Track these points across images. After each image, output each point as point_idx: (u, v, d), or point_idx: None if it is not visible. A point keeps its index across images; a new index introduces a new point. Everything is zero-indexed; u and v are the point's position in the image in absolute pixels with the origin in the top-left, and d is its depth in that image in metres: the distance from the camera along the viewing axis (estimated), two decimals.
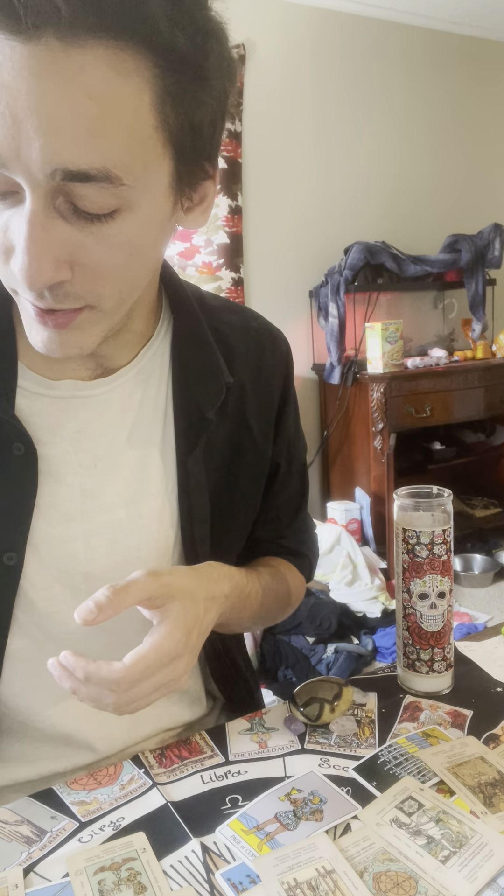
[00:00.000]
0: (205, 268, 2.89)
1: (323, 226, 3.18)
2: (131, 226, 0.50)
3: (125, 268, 0.53)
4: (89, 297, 0.52)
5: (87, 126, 0.44)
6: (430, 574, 0.70)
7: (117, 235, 0.50)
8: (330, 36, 3.07)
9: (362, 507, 2.97)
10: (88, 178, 0.45)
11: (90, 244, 0.49)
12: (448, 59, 3.39)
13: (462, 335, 3.40)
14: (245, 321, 0.77)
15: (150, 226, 0.52)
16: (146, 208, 0.51)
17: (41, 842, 0.56)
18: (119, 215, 0.49)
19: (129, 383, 0.68)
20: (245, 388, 0.74)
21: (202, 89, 0.50)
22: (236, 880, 0.50)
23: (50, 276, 0.48)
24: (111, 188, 0.47)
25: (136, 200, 0.49)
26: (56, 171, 0.44)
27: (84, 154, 0.45)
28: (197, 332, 0.71)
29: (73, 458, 0.66)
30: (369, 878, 0.50)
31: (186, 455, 0.69)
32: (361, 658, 2.19)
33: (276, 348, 0.78)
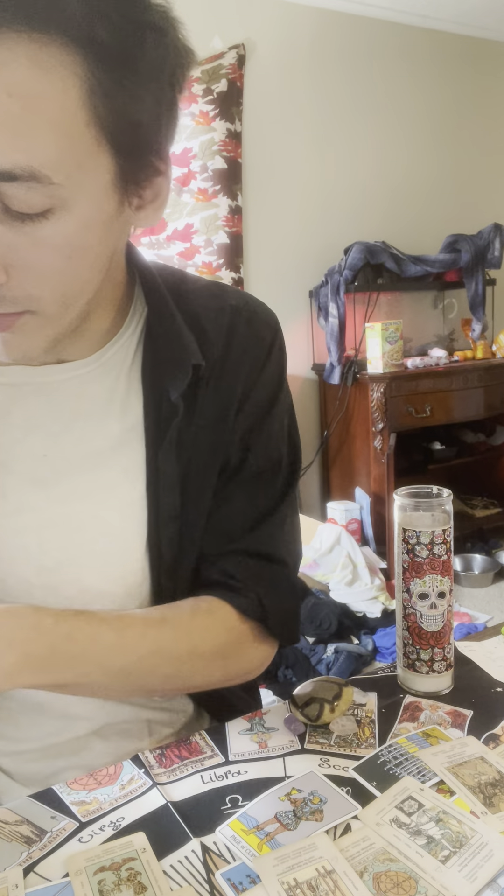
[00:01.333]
0: (205, 268, 2.89)
1: (323, 226, 3.18)
2: (68, 226, 0.48)
3: (65, 270, 0.51)
4: (26, 301, 0.51)
5: (9, 124, 0.43)
6: (430, 574, 0.70)
7: (53, 237, 0.48)
8: (330, 36, 3.07)
9: (362, 507, 2.97)
10: (14, 178, 0.44)
11: (24, 245, 0.48)
12: (448, 59, 3.39)
13: (462, 335, 3.41)
14: (222, 302, 0.69)
15: (92, 226, 0.50)
16: (84, 207, 0.49)
17: (41, 842, 0.56)
18: (53, 215, 0.47)
19: (88, 375, 0.65)
20: (215, 373, 0.67)
21: (136, 83, 0.47)
22: (236, 880, 0.50)
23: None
24: (39, 188, 0.45)
25: (70, 199, 0.47)
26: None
27: (7, 153, 0.43)
28: (165, 319, 0.66)
29: (23, 446, 0.63)
30: (369, 878, 0.50)
31: (156, 449, 0.64)
32: (361, 658, 2.19)
33: (250, 324, 0.69)
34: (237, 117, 2.86)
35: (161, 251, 2.86)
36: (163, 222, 2.85)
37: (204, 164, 2.82)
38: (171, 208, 2.84)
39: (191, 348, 0.65)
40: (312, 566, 2.64)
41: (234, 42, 2.83)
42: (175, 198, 2.84)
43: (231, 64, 2.80)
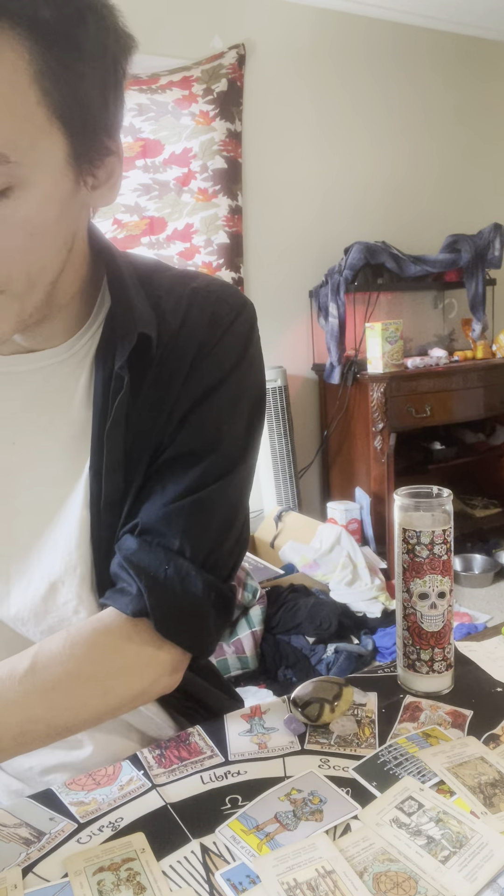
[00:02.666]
0: (205, 268, 2.89)
1: (323, 226, 3.18)
2: (28, 204, 0.50)
3: (28, 248, 0.52)
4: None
5: None
6: (430, 574, 0.70)
7: (13, 215, 0.50)
8: (330, 36, 3.07)
9: (362, 507, 2.97)
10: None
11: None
12: (448, 59, 3.39)
13: (462, 335, 3.40)
14: (182, 284, 0.67)
15: (50, 203, 0.52)
16: (42, 185, 0.51)
17: (40, 842, 0.56)
18: (12, 193, 0.49)
19: (57, 366, 0.65)
20: (166, 353, 0.64)
21: (80, 61, 0.49)
22: (236, 881, 0.50)
23: None
24: (2, 167, 0.47)
25: (27, 178, 0.49)
26: None
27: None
28: (123, 301, 0.64)
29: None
30: (369, 879, 0.50)
31: (101, 424, 0.61)
32: (361, 658, 2.19)
33: (207, 305, 0.65)
34: (237, 117, 2.86)
35: (161, 251, 2.86)
36: (163, 222, 2.85)
37: (204, 163, 2.82)
38: (171, 208, 2.84)
39: (141, 320, 0.62)
40: (312, 566, 2.64)
41: (234, 42, 2.83)
42: (175, 198, 2.84)
43: (231, 64, 2.80)
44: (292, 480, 2.99)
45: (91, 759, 0.71)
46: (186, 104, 2.78)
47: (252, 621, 2.22)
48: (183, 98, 2.77)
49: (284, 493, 2.99)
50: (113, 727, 0.73)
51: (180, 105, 2.78)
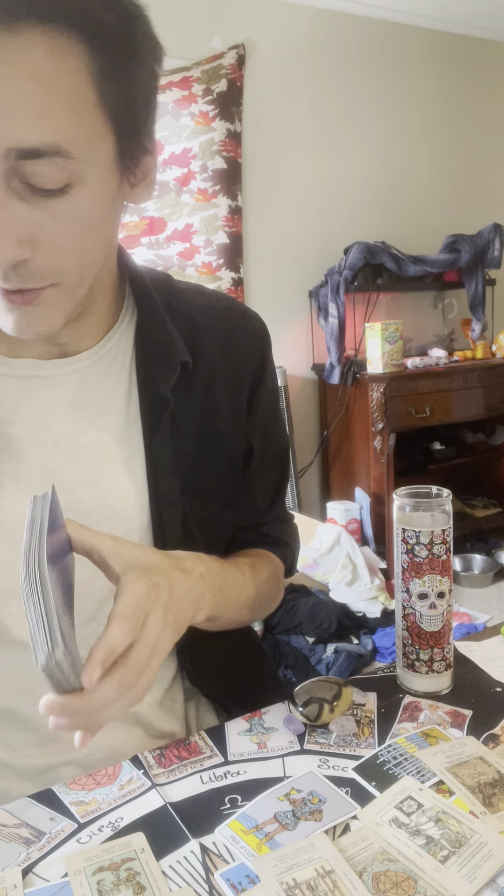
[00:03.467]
0: (205, 268, 2.89)
1: (323, 226, 3.18)
2: (84, 199, 0.53)
3: (82, 242, 0.55)
4: (52, 274, 0.55)
5: (34, 106, 0.47)
6: (430, 574, 0.70)
7: (72, 209, 0.52)
8: (330, 36, 3.07)
9: (362, 507, 2.97)
10: (40, 155, 0.48)
11: (47, 220, 0.52)
12: (448, 60, 3.39)
13: (462, 335, 3.41)
14: (213, 301, 0.78)
15: (101, 199, 0.55)
16: (95, 182, 0.53)
17: (40, 842, 0.56)
18: (71, 189, 0.52)
19: (91, 367, 0.69)
20: (214, 368, 0.74)
21: (134, 64, 0.53)
22: (235, 880, 0.50)
23: (13, 254, 0.51)
24: (62, 162, 0.50)
25: (85, 174, 0.52)
26: (10, 151, 0.47)
27: (34, 132, 0.48)
28: (154, 317, 0.72)
29: (34, 435, 0.67)
30: (368, 878, 0.50)
31: (151, 436, 0.70)
32: (361, 658, 2.19)
33: (246, 326, 0.78)
34: (237, 117, 2.86)
35: (161, 251, 2.86)
36: (163, 222, 2.85)
37: (204, 164, 2.82)
38: (171, 208, 2.84)
39: (179, 347, 0.71)
40: (312, 566, 2.64)
41: (234, 42, 2.83)
42: (175, 198, 2.84)
43: (231, 64, 2.80)
44: (292, 480, 3.00)
45: (92, 755, 0.71)
46: (186, 104, 2.78)
47: None
48: (183, 98, 2.77)
49: None
50: (120, 722, 0.73)
51: (180, 105, 2.78)
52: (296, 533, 0.89)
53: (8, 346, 0.67)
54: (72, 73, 0.48)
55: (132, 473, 0.70)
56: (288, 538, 0.87)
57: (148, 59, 0.54)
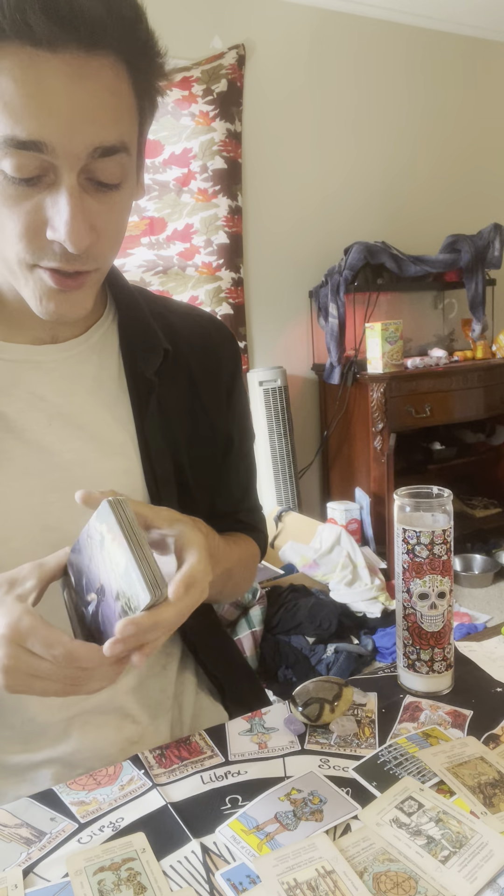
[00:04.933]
0: (205, 268, 2.89)
1: (323, 226, 3.18)
2: (127, 194, 0.62)
3: (122, 230, 0.64)
4: (100, 259, 0.62)
5: (111, 112, 0.56)
6: (430, 574, 0.70)
7: (121, 202, 0.61)
8: (330, 36, 3.07)
9: (362, 508, 2.97)
10: (115, 151, 0.57)
11: (104, 211, 0.60)
12: (448, 60, 3.39)
13: (462, 335, 3.40)
14: (189, 309, 0.87)
15: (132, 195, 0.64)
16: (132, 179, 0.63)
17: (40, 842, 0.56)
18: (122, 185, 0.60)
19: (81, 354, 0.74)
20: (192, 365, 0.81)
21: (156, 79, 0.62)
22: (236, 881, 0.50)
23: (88, 237, 0.58)
24: (124, 159, 0.59)
25: (130, 171, 0.61)
26: (97, 149, 0.56)
27: (112, 133, 0.57)
28: (137, 313, 0.79)
29: (29, 415, 0.71)
30: (369, 879, 0.50)
31: (142, 419, 0.75)
32: (361, 658, 2.19)
33: (220, 332, 0.86)
34: (237, 117, 2.85)
35: (161, 251, 2.86)
36: (163, 222, 2.85)
37: (204, 164, 2.82)
38: (171, 208, 2.84)
39: (159, 336, 0.78)
40: (312, 566, 2.64)
41: (234, 42, 2.83)
42: (175, 198, 2.84)
43: (231, 64, 2.80)
44: (292, 481, 2.99)
45: (78, 752, 0.71)
46: (186, 104, 2.78)
47: (252, 621, 2.22)
48: (183, 98, 2.76)
49: (284, 494, 2.99)
50: (105, 720, 0.73)
51: (180, 105, 2.78)
52: (265, 522, 0.96)
53: (2, 331, 0.71)
54: (126, 87, 0.58)
55: (126, 454, 0.74)
56: (260, 525, 0.94)
57: (162, 77, 0.63)
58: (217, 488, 0.86)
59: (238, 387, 0.87)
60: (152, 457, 0.75)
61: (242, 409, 0.89)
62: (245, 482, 0.91)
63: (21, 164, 0.54)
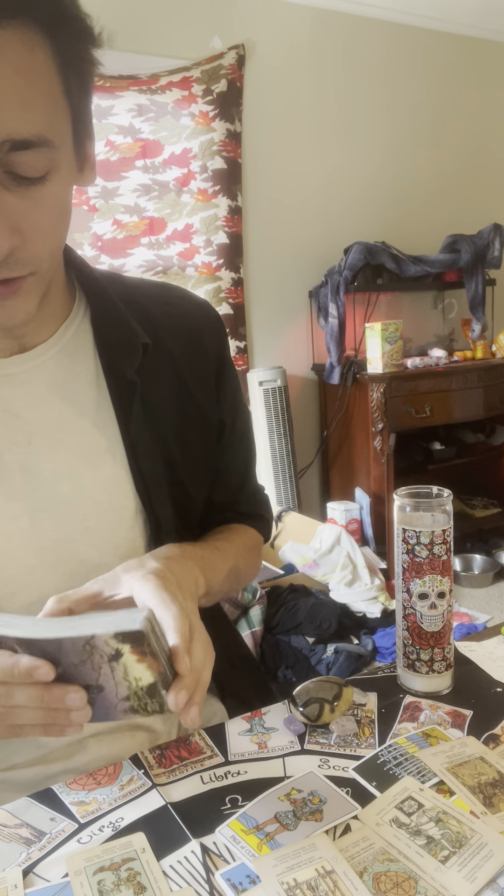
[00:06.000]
0: (204, 268, 2.89)
1: (323, 226, 3.18)
2: (58, 185, 0.55)
3: (57, 227, 0.57)
4: (33, 262, 0.56)
5: (21, 98, 0.49)
6: (430, 574, 0.70)
7: (49, 196, 0.54)
8: (330, 36, 3.07)
9: (362, 508, 2.97)
10: (30, 146, 0.50)
11: (29, 208, 0.53)
12: (448, 60, 3.39)
13: (462, 335, 3.40)
14: (166, 292, 0.80)
15: (69, 184, 0.57)
16: (64, 168, 0.55)
17: (40, 842, 0.56)
18: (50, 177, 0.53)
19: (52, 360, 0.69)
20: (175, 354, 0.75)
21: (87, 51, 0.55)
22: (236, 881, 0.50)
23: (8, 242, 0.52)
24: (46, 151, 0.51)
25: (59, 161, 0.54)
26: (4, 143, 0.49)
27: (23, 123, 0.49)
28: (109, 306, 0.73)
29: (6, 436, 0.66)
30: (369, 879, 0.50)
31: (126, 422, 0.71)
32: (361, 658, 2.19)
33: (204, 315, 0.80)
34: (237, 117, 2.85)
35: (161, 251, 2.86)
36: (162, 222, 2.85)
37: (204, 164, 2.82)
38: (171, 209, 2.84)
39: (137, 331, 0.72)
40: (312, 566, 2.64)
41: (234, 42, 2.83)
42: (175, 198, 2.84)
43: (231, 64, 2.80)
44: (292, 481, 2.99)
45: (93, 763, 0.71)
46: (186, 105, 2.78)
47: (252, 621, 2.22)
48: (182, 98, 2.76)
49: (284, 494, 2.99)
50: (121, 732, 0.73)
51: (180, 105, 2.78)
52: (268, 504, 0.92)
53: None
54: (43, 66, 0.50)
55: (114, 461, 0.70)
56: (262, 511, 0.90)
57: (92, 45, 0.56)
58: (213, 481, 0.82)
59: (226, 369, 0.81)
60: (140, 460, 0.71)
61: (233, 390, 0.83)
62: (243, 466, 0.86)
63: None
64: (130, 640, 0.47)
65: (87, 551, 0.69)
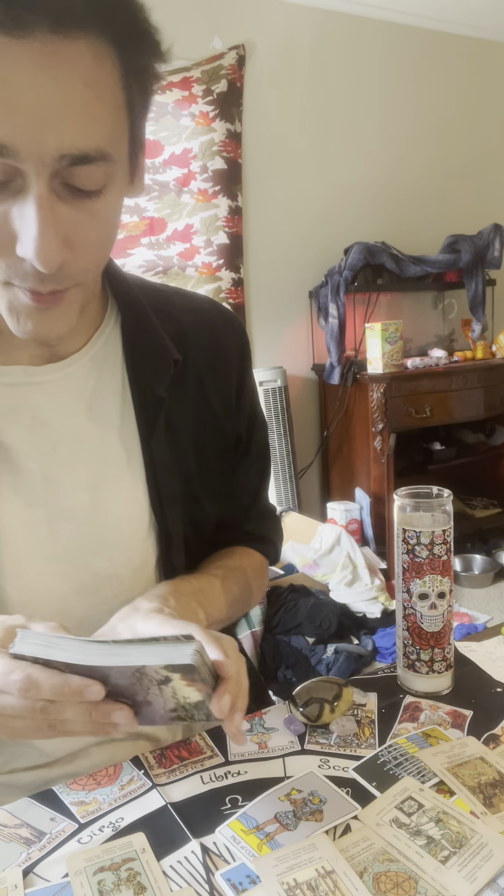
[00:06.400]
0: (205, 268, 2.89)
1: (323, 226, 3.18)
2: (113, 198, 0.54)
3: (106, 241, 0.57)
4: (79, 275, 0.55)
5: (86, 111, 0.48)
6: (430, 574, 0.70)
7: (103, 210, 0.53)
8: (330, 36, 3.07)
9: (362, 508, 2.97)
10: (90, 160, 0.49)
11: (84, 221, 0.52)
12: (448, 60, 3.39)
13: (462, 335, 3.40)
14: (195, 303, 0.80)
15: (121, 196, 0.57)
16: (119, 181, 0.54)
17: (40, 843, 0.56)
18: (106, 190, 0.52)
19: (83, 369, 0.69)
20: (201, 367, 0.75)
21: (149, 64, 0.53)
22: (236, 881, 0.50)
23: (61, 255, 0.51)
24: (104, 166, 0.51)
25: (115, 174, 0.53)
26: (64, 156, 0.48)
27: (85, 137, 0.48)
28: (141, 317, 0.72)
29: (32, 444, 0.66)
30: (369, 879, 0.50)
31: (149, 437, 0.70)
32: (361, 658, 2.19)
33: (229, 325, 0.80)
34: (237, 118, 2.85)
35: (161, 251, 2.86)
36: (162, 223, 2.85)
37: (204, 164, 2.82)
38: (171, 209, 2.84)
39: (169, 346, 0.71)
40: (312, 566, 2.64)
41: (234, 42, 2.83)
42: (175, 198, 2.84)
43: (231, 64, 2.80)
44: (292, 481, 2.99)
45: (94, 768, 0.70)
46: (186, 105, 2.78)
47: (252, 622, 2.21)
48: (183, 99, 2.76)
49: (284, 494, 2.99)
50: (123, 739, 0.73)
51: (180, 106, 2.78)
52: (278, 527, 0.89)
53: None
54: (110, 79, 0.49)
55: (132, 475, 0.70)
56: (270, 534, 0.87)
57: (158, 60, 0.55)
58: (225, 498, 0.80)
59: (247, 382, 0.80)
60: (158, 475, 0.70)
61: (252, 404, 0.82)
62: (255, 484, 0.84)
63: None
64: (181, 671, 0.48)
65: (100, 563, 0.69)
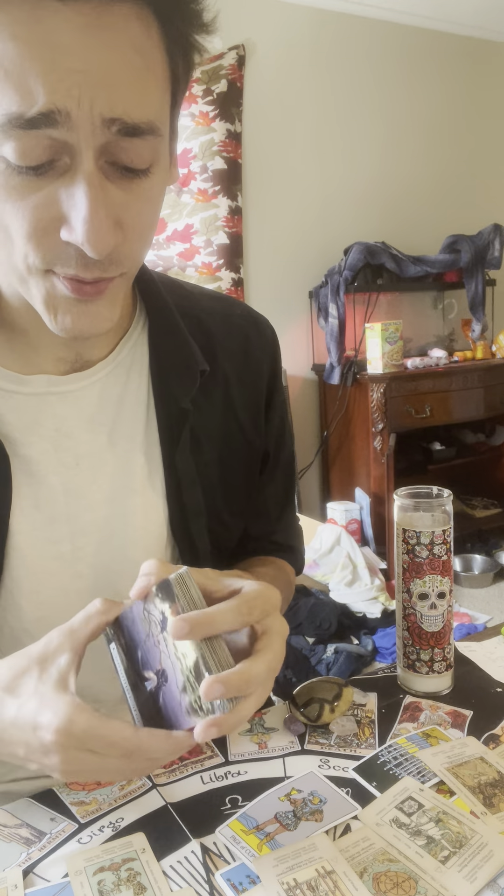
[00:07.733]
0: (205, 268, 2.89)
1: (323, 226, 3.18)
2: (158, 180, 0.50)
3: (153, 225, 0.53)
4: (126, 262, 0.51)
5: (137, 78, 0.45)
6: (430, 574, 0.70)
7: (151, 189, 0.50)
8: (330, 36, 3.07)
9: (362, 508, 2.97)
10: (140, 132, 0.46)
11: (132, 202, 0.49)
12: (448, 60, 3.39)
13: (462, 335, 3.40)
14: (227, 308, 0.75)
15: (165, 181, 0.53)
16: (163, 162, 0.51)
17: (40, 843, 0.56)
18: (153, 170, 0.49)
19: (107, 378, 0.65)
20: (229, 377, 0.71)
21: (192, 37, 0.50)
22: (236, 881, 0.50)
23: (113, 238, 0.47)
24: (153, 141, 0.47)
25: (162, 154, 0.50)
26: (115, 121, 0.44)
27: (137, 106, 0.45)
28: (170, 323, 0.68)
29: (54, 457, 0.63)
30: (369, 879, 0.50)
31: (172, 450, 0.67)
32: (361, 658, 2.19)
33: (261, 335, 0.76)
34: (237, 118, 2.86)
35: (161, 252, 2.86)
36: (163, 223, 2.85)
37: (204, 164, 2.82)
38: (171, 209, 2.84)
39: (197, 356, 0.68)
40: (312, 566, 2.64)
41: (234, 42, 2.83)
42: (175, 198, 2.84)
43: (231, 64, 2.80)
44: None
45: None
46: (186, 105, 2.78)
47: None
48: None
49: None
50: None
51: None
52: (301, 534, 0.88)
53: (22, 362, 0.62)
54: (157, 48, 0.46)
55: (153, 489, 0.67)
56: (296, 542, 0.86)
57: (202, 31, 0.51)
58: (251, 511, 0.77)
59: (277, 395, 0.76)
60: (181, 489, 0.67)
61: (282, 419, 0.78)
62: (283, 497, 0.82)
63: (26, 148, 0.43)
64: (163, 594, 0.47)
65: (122, 581, 0.65)
